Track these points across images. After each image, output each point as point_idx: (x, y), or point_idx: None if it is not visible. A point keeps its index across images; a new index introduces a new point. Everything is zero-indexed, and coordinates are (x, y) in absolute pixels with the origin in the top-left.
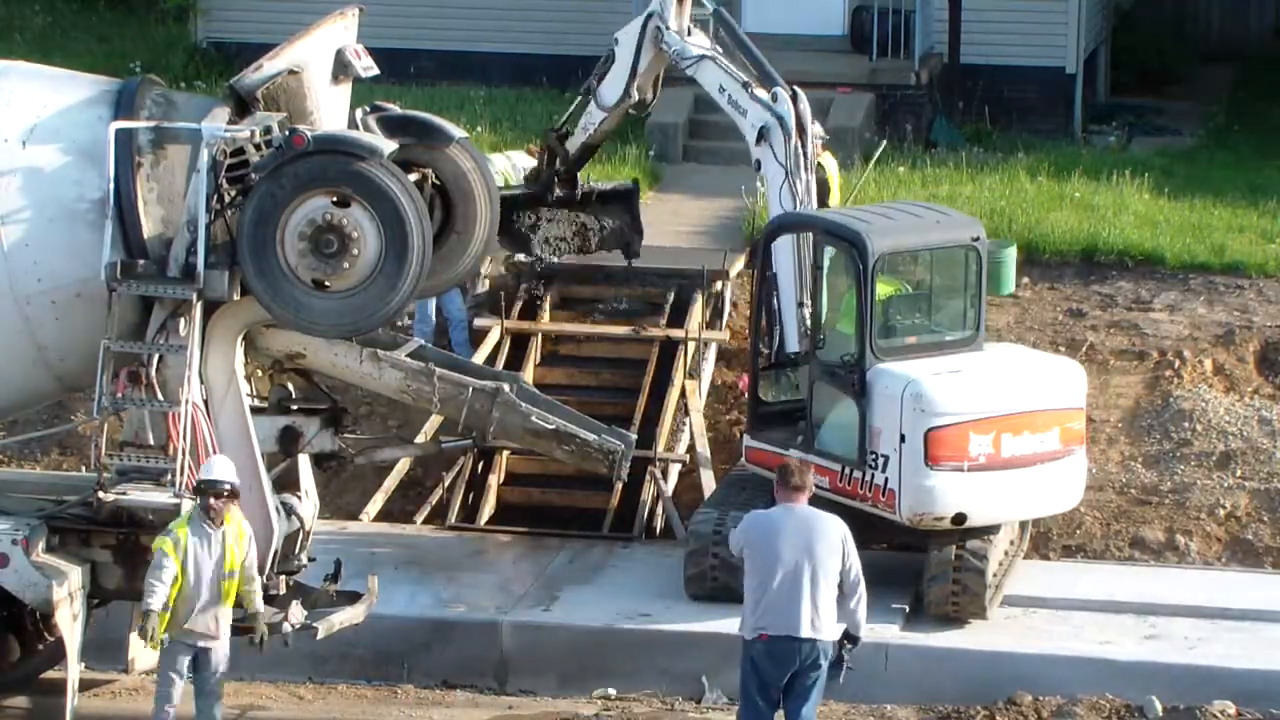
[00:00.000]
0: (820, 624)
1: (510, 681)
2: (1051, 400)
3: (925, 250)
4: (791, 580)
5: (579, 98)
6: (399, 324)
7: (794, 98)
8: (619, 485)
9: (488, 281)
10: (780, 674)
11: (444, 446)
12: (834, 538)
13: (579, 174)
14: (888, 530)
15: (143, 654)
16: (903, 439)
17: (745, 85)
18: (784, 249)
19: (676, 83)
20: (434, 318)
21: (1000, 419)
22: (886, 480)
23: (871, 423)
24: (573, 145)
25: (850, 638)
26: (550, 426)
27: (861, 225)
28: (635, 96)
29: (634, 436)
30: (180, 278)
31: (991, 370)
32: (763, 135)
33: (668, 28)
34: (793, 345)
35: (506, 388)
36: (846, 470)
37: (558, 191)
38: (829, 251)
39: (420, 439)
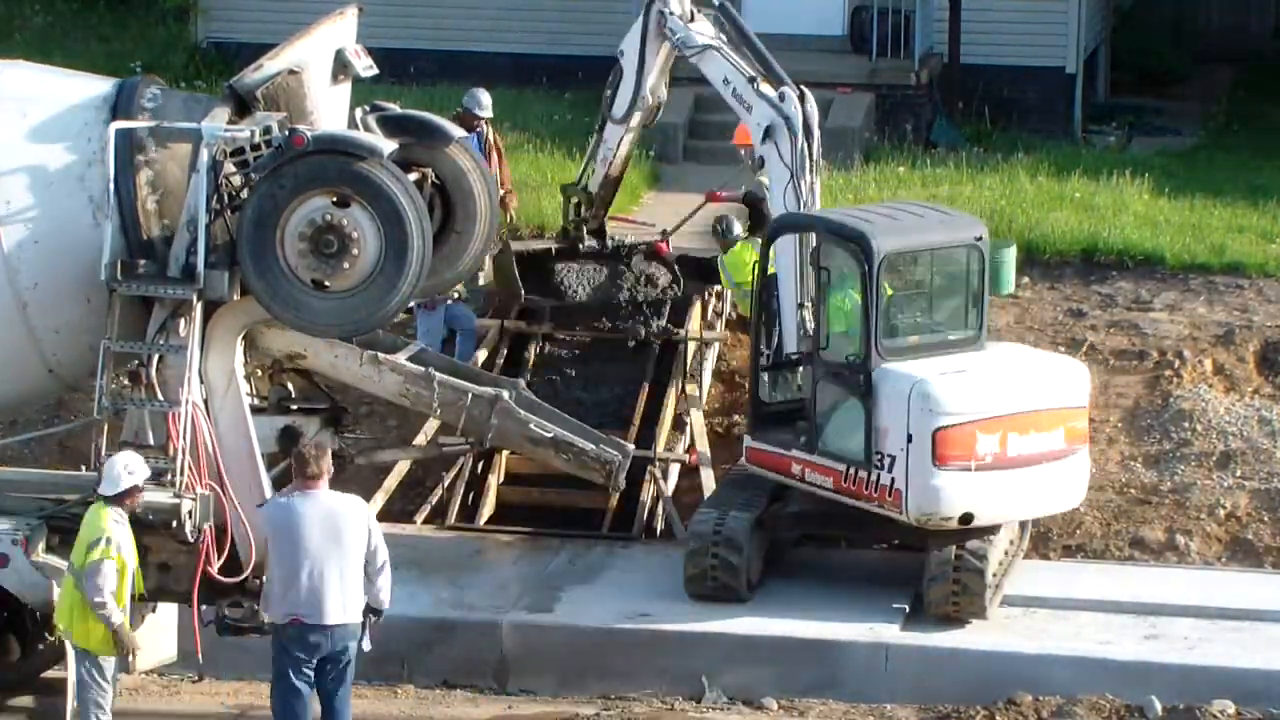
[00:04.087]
0: (349, 606)
1: (510, 681)
2: (1056, 399)
3: (928, 250)
4: (319, 567)
5: (594, 137)
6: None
7: (801, 98)
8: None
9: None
10: (312, 656)
11: (444, 449)
12: (356, 521)
13: (605, 222)
14: (890, 529)
15: (143, 654)
16: (910, 439)
17: (751, 80)
18: (786, 249)
19: (677, 83)
20: (443, 330)
21: (1007, 418)
22: (893, 480)
23: (878, 423)
24: (594, 183)
25: (373, 610)
26: (548, 435)
27: (866, 225)
28: (650, 99)
29: (631, 447)
30: (180, 278)
31: (997, 369)
32: (769, 134)
33: (671, 14)
34: (791, 346)
35: (506, 394)
36: (851, 470)
37: (589, 243)
38: (832, 252)
39: (420, 440)
